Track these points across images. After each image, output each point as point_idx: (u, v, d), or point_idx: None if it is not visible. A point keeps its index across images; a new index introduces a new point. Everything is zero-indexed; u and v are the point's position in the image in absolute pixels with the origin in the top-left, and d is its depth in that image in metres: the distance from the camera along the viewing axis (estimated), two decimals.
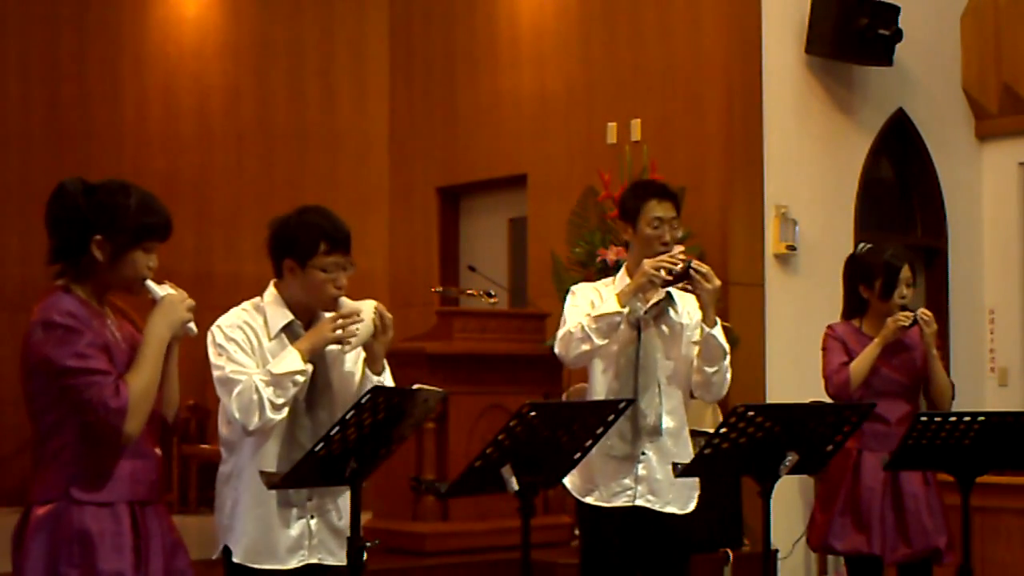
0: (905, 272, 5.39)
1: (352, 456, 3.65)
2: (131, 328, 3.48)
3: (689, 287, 4.73)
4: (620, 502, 4.72)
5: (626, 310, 4.64)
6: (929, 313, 5.41)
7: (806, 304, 8.40)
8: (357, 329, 3.91)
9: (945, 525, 5.36)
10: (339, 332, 3.88)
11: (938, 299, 9.21)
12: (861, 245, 5.67)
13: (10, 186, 10.45)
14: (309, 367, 3.87)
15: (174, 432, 3.62)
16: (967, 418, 4.50)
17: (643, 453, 4.70)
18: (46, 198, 3.43)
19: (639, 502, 4.72)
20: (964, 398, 5.72)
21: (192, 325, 3.46)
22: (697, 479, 4.79)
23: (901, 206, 9.54)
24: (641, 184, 5.03)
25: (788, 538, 7.92)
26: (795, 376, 8.12)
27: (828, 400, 5.40)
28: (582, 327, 4.64)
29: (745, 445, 4.11)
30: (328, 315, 3.97)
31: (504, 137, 9.84)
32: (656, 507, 4.73)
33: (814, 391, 6.81)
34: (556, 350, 4.77)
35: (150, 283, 3.43)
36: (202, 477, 9.79)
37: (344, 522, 3.99)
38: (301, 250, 3.93)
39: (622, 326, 4.68)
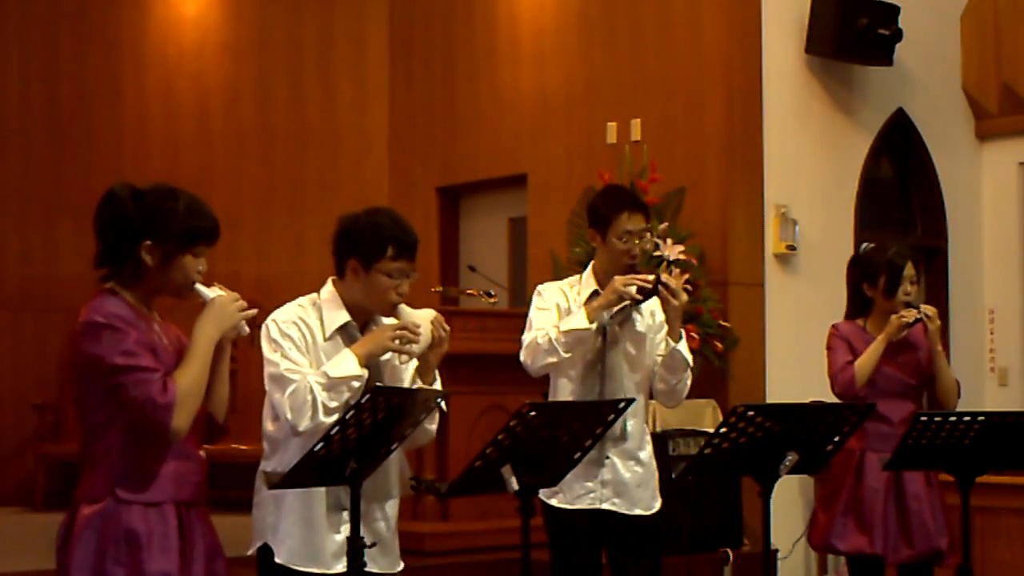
0: (909, 269, 5.39)
1: (352, 456, 3.63)
2: (178, 332, 3.49)
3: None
4: (583, 504, 4.75)
5: (594, 326, 4.65)
6: (933, 309, 5.40)
7: (806, 304, 8.40)
8: (416, 342, 3.87)
9: (947, 526, 5.36)
10: (398, 343, 3.84)
11: (938, 299, 9.19)
12: (864, 245, 5.68)
13: (10, 186, 10.40)
14: (365, 372, 3.81)
15: (226, 432, 3.60)
16: (967, 418, 4.51)
17: (607, 457, 4.73)
18: (46, 198, 3.46)
19: (604, 505, 4.75)
20: (964, 398, 5.70)
21: (244, 326, 3.46)
22: (657, 478, 4.85)
23: (901, 206, 9.54)
24: (613, 193, 4.94)
25: (788, 538, 7.92)
26: (795, 376, 8.13)
27: (828, 400, 5.40)
28: (549, 339, 4.65)
29: (745, 445, 4.12)
30: (388, 321, 3.93)
31: (504, 137, 9.84)
32: (623, 510, 4.76)
33: (814, 391, 6.83)
34: (521, 358, 4.78)
35: (200, 287, 3.44)
36: None
37: (391, 532, 3.97)
38: (368, 252, 3.87)
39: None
